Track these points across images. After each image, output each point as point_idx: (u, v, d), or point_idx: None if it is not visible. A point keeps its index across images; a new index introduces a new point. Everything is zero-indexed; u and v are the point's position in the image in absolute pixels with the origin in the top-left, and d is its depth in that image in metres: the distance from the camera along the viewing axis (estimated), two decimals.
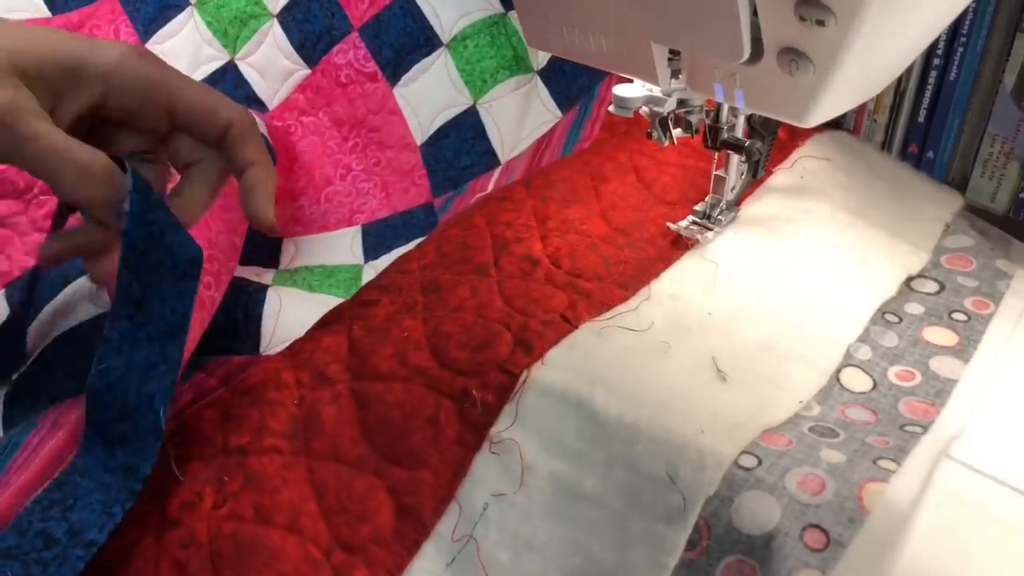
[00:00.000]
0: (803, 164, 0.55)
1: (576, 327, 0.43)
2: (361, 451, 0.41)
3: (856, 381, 0.42)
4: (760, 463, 0.35)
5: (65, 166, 0.34)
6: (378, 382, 0.43)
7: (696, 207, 0.50)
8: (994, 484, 0.35)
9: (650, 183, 0.55)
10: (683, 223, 0.50)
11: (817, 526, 0.33)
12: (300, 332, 0.49)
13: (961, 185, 0.58)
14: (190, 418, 0.44)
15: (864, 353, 0.43)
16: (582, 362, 0.40)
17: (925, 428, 0.38)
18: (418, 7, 0.74)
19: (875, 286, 0.46)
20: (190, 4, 0.84)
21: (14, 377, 0.50)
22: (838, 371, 0.42)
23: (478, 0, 0.73)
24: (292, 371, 0.45)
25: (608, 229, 0.51)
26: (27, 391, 0.43)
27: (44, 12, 0.88)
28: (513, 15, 0.73)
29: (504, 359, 0.41)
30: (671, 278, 0.47)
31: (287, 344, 0.55)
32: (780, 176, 0.55)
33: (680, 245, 0.50)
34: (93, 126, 0.38)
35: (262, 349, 0.55)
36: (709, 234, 0.49)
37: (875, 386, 0.42)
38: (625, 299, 0.45)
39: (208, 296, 0.53)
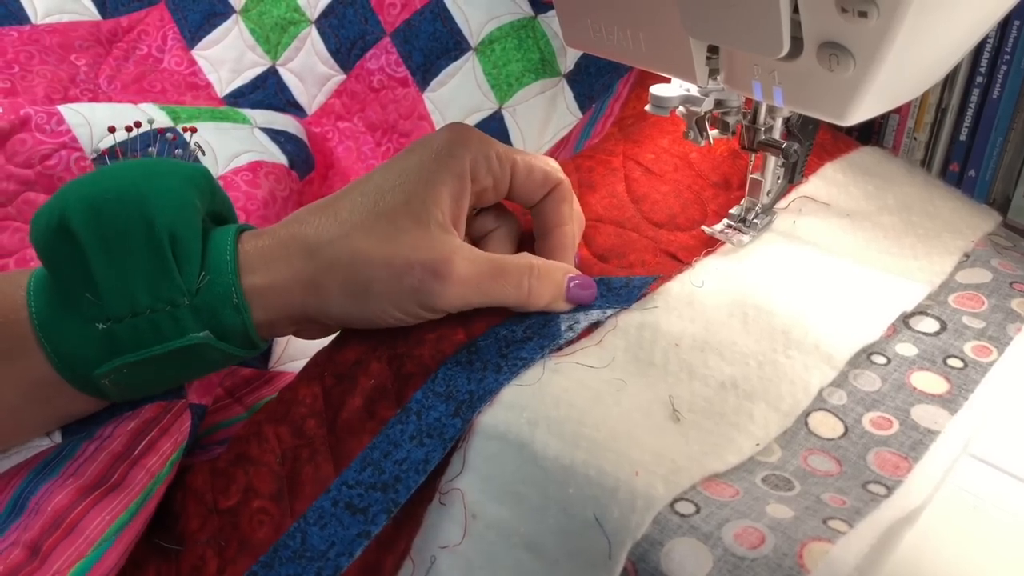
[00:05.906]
0: (799, 203, 0.52)
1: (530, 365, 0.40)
2: None
3: (825, 426, 0.39)
4: (698, 511, 0.33)
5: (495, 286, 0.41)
6: (350, 437, 0.41)
7: (731, 211, 0.49)
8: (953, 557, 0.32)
9: (639, 198, 0.51)
10: (718, 227, 0.49)
11: None
12: (307, 352, 0.47)
13: (1003, 204, 0.57)
14: (181, 469, 0.44)
15: (839, 398, 0.40)
16: (529, 400, 0.38)
17: (890, 489, 0.35)
18: (448, 11, 0.74)
19: (863, 325, 0.43)
20: (235, 11, 0.86)
21: None
22: (807, 414, 0.39)
23: (508, 3, 0.72)
24: (272, 425, 0.43)
25: (586, 253, 0.48)
26: None
27: (95, 15, 0.91)
28: (543, 18, 0.72)
29: None
30: (643, 305, 0.44)
31: (292, 362, 0.55)
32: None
33: (668, 268, 0.47)
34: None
35: (271, 364, 0.55)
36: (745, 238, 0.48)
37: (846, 432, 0.38)
38: (590, 332, 0.42)
39: None
